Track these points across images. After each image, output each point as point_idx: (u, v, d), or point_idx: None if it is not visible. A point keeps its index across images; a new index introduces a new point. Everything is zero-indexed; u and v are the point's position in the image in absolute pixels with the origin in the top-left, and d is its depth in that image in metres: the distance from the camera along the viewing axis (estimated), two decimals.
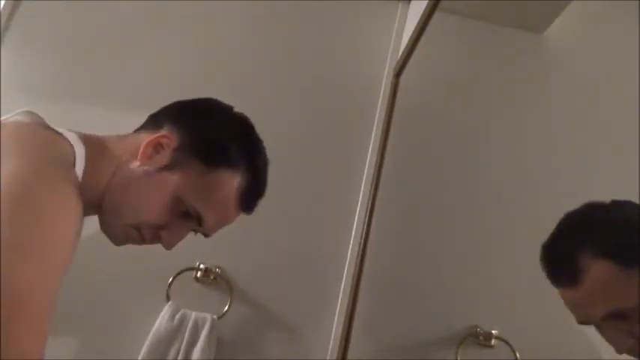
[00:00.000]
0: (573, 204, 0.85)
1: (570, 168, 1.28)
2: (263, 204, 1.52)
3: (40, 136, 0.68)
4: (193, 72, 1.52)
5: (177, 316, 1.29)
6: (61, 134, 0.71)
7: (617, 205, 0.81)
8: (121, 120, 1.45)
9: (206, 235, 0.85)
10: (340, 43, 1.59)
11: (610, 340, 0.76)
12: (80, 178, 0.70)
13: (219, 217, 0.81)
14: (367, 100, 1.53)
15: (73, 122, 1.56)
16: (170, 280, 1.33)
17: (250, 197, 0.83)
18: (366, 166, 1.47)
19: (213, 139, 0.81)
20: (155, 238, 0.80)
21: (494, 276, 1.27)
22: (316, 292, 1.39)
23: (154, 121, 0.83)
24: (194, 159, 0.78)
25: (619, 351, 0.75)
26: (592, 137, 1.28)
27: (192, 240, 1.40)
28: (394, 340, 1.34)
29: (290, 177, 1.45)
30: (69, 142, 0.71)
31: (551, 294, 1.13)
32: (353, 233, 1.42)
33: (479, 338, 1.24)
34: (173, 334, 1.27)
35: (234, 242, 1.40)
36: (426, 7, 1.33)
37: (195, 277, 1.35)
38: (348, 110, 1.53)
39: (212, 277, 1.35)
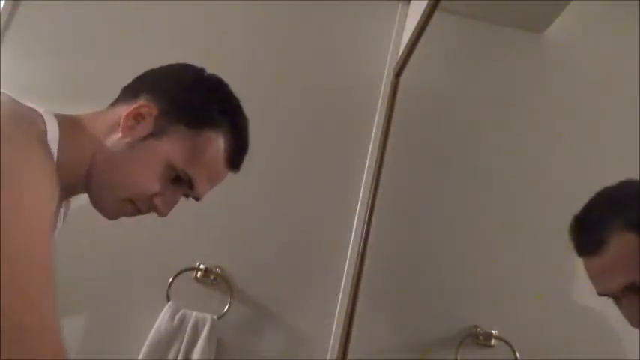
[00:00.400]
0: (573, 203, 0.85)
1: (570, 168, 1.28)
2: (263, 203, 1.52)
3: (7, 107, 0.67)
4: None
5: (177, 316, 1.29)
6: (31, 107, 0.71)
7: None
8: None
9: (197, 199, 0.85)
10: (340, 43, 1.59)
11: (626, 314, 0.77)
12: (55, 153, 0.69)
13: (209, 178, 0.82)
14: (367, 100, 1.53)
15: None
16: (170, 280, 1.34)
17: (237, 154, 0.85)
18: (366, 166, 1.47)
19: (194, 102, 0.81)
20: (150, 209, 0.81)
21: (494, 276, 1.27)
22: (316, 292, 1.39)
23: (130, 92, 0.83)
24: (178, 124, 0.78)
25: (633, 325, 0.75)
26: (592, 137, 1.28)
27: (192, 240, 1.41)
28: (394, 340, 1.34)
29: (290, 177, 1.46)
30: (39, 113, 0.70)
31: (551, 294, 1.13)
32: (353, 233, 1.42)
33: (479, 338, 1.25)
34: (173, 334, 1.27)
35: (234, 242, 1.40)
36: (426, 7, 1.33)
37: (195, 277, 1.35)
38: (348, 110, 1.53)
39: (212, 277, 1.35)
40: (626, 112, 1.21)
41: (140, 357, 1.24)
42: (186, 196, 0.84)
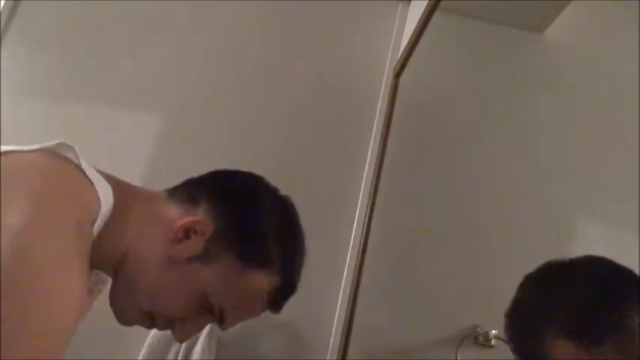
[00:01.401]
0: (573, 203, 0.85)
1: (570, 168, 1.28)
2: None
3: (63, 184, 0.60)
4: (193, 72, 1.52)
5: None
6: (91, 184, 0.62)
7: (580, 271, 0.77)
8: (121, 120, 1.46)
9: (223, 329, 0.76)
10: (340, 43, 1.59)
11: None
12: (98, 230, 0.62)
13: (243, 317, 0.75)
14: (367, 100, 1.53)
15: (73, 122, 1.57)
16: None
17: (281, 298, 0.76)
18: (366, 166, 1.47)
19: (253, 232, 0.72)
20: (168, 328, 0.73)
21: (494, 276, 1.27)
22: (316, 292, 1.39)
23: (190, 194, 0.73)
24: (228, 252, 0.69)
25: None
26: (592, 136, 1.28)
27: None
28: (394, 340, 1.34)
29: (290, 177, 1.45)
30: (97, 194, 0.62)
31: None
32: (353, 233, 1.42)
33: (479, 338, 1.25)
34: None
35: None
36: (426, 7, 1.33)
37: None
38: (348, 110, 1.53)
39: None
40: (626, 112, 1.21)
41: (140, 357, 1.24)
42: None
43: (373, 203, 1.42)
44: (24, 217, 0.51)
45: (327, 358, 1.33)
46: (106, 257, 0.67)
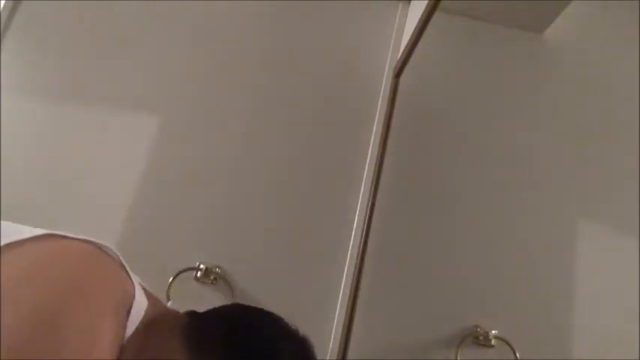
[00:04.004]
0: (573, 203, 0.85)
1: (570, 168, 1.28)
2: (263, 204, 1.52)
3: (108, 274, 0.61)
4: (193, 72, 1.52)
5: None
6: (128, 275, 0.64)
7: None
8: (121, 120, 1.46)
9: None
10: (340, 43, 1.59)
11: None
12: (131, 331, 0.62)
13: None
14: (367, 100, 1.53)
15: (74, 122, 1.57)
16: (170, 280, 1.34)
17: None
18: (366, 166, 1.47)
19: None
20: None
21: (495, 276, 1.27)
22: (316, 291, 1.39)
23: (203, 344, 0.68)
24: None
25: None
26: (592, 137, 1.28)
27: (192, 240, 1.41)
28: (394, 340, 1.34)
29: (290, 177, 1.46)
30: (132, 284, 0.64)
31: (551, 294, 1.13)
32: (353, 233, 1.42)
33: (479, 338, 1.24)
34: None
35: (234, 242, 1.40)
36: (426, 7, 1.33)
37: (195, 277, 1.35)
38: (348, 110, 1.53)
39: (212, 277, 1.35)
40: (625, 112, 1.21)
41: None
42: None
43: (373, 203, 1.42)
44: (59, 294, 0.53)
45: (327, 358, 1.33)
46: None
